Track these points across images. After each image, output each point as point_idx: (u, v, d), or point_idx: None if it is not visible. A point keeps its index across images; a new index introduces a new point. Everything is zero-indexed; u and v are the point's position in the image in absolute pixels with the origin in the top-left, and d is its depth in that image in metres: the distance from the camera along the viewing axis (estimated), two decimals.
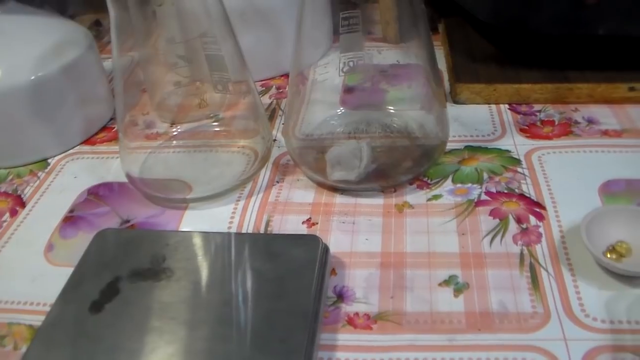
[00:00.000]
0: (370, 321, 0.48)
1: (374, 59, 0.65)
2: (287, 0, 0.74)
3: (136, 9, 0.58)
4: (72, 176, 0.67)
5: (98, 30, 0.55)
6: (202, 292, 0.49)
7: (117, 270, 0.51)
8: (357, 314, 0.49)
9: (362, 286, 0.51)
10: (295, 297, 0.47)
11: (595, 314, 0.47)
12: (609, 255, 0.50)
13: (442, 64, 0.81)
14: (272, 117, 0.74)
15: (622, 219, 0.52)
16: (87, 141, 0.73)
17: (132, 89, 0.65)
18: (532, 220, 0.56)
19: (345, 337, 0.48)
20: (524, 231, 0.55)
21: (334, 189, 0.61)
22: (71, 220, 0.61)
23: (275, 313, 0.46)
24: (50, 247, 0.58)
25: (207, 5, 0.59)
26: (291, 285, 0.48)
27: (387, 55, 0.65)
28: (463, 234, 0.55)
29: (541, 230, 0.55)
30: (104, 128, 0.74)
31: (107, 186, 0.65)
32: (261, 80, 0.81)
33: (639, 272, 0.49)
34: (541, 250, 0.53)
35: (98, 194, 0.64)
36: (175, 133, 0.68)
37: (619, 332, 0.46)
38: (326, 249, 0.52)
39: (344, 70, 0.60)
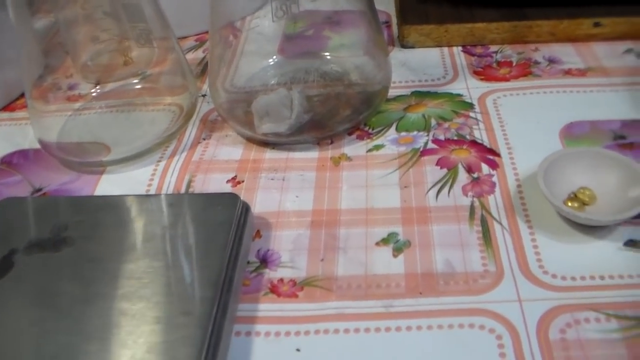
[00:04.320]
0: (296, 288, 0.43)
1: (307, 4, 0.59)
2: None
3: None
4: None
5: None
6: (103, 262, 0.43)
7: (15, 242, 0.46)
8: (281, 280, 0.44)
9: (288, 249, 0.46)
10: (206, 263, 0.41)
11: (555, 271, 0.43)
12: (570, 204, 0.46)
13: (391, 7, 0.77)
14: (203, 71, 0.69)
15: (585, 163, 0.48)
16: (6, 108, 0.68)
17: (55, 51, 0.61)
18: (485, 168, 0.51)
19: (267, 307, 0.42)
20: (475, 181, 0.50)
21: (265, 143, 0.56)
22: None
23: (182, 283, 0.41)
24: None
25: None
26: (202, 250, 0.43)
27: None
28: (406, 187, 0.50)
29: (495, 179, 0.50)
30: (24, 94, 0.69)
31: (22, 154, 0.61)
32: (196, 35, 0.77)
33: (602, 221, 0.45)
34: (494, 201, 0.49)
35: (12, 162, 0.60)
36: (94, 94, 0.64)
37: (580, 289, 0.41)
38: (246, 208, 0.46)
39: (277, 15, 0.55)
